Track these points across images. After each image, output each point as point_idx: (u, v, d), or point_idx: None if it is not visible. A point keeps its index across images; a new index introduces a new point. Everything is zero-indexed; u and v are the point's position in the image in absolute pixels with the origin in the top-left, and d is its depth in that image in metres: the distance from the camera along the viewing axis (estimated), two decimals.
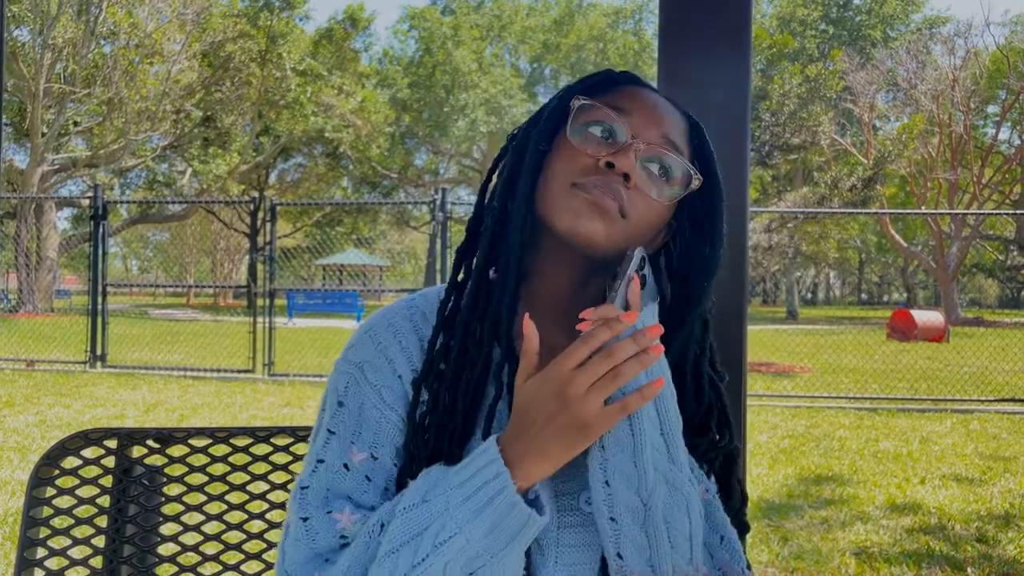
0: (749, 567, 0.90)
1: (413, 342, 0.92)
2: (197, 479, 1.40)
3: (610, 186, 0.86)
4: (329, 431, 0.89)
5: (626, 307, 0.83)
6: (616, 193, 0.86)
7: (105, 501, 1.35)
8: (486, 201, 0.95)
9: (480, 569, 0.79)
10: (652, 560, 0.84)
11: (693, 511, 0.86)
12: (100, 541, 1.34)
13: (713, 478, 0.94)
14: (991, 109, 33.95)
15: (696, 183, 0.90)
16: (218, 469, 1.41)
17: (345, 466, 0.87)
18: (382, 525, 0.82)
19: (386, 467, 0.89)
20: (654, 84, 1.01)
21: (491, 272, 0.91)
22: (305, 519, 0.86)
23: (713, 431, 0.94)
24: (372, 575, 0.80)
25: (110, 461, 1.37)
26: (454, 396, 0.87)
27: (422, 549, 0.79)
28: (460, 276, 0.93)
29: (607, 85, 0.94)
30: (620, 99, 0.91)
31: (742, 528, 0.95)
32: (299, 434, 1.42)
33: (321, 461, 0.88)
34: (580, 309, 0.82)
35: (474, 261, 0.92)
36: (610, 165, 0.86)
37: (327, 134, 30.07)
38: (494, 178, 0.95)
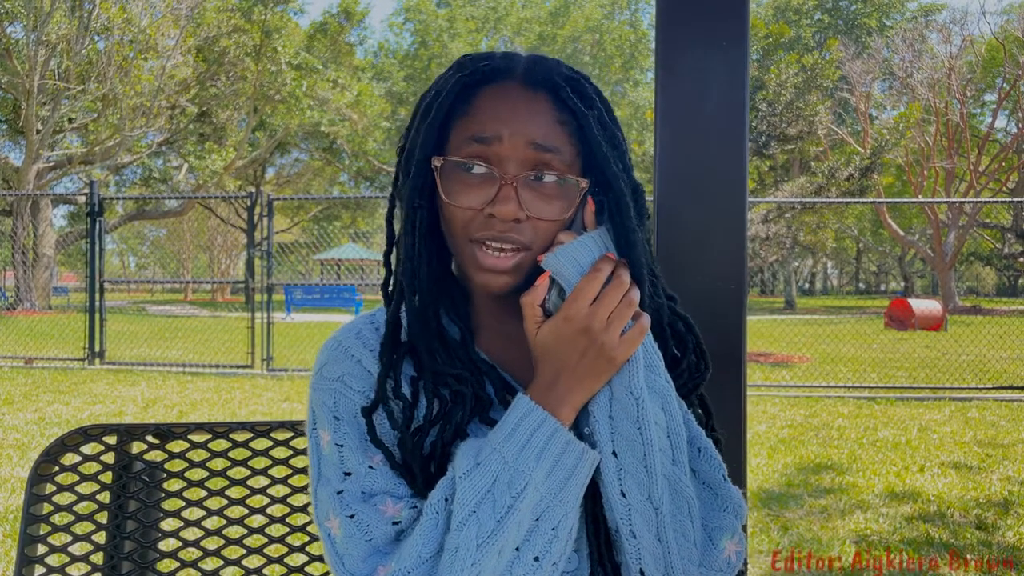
0: (726, 476, 0.91)
1: (378, 349, 0.92)
2: (197, 474, 1.40)
3: (504, 237, 0.85)
4: (338, 445, 0.88)
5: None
6: (511, 240, 0.85)
7: (105, 497, 1.35)
8: (396, 235, 0.93)
9: (545, 512, 0.82)
10: (667, 569, 0.86)
11: (695, 514, 0.88)
12: (100, 537, 1.34)
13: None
14: (988, 97, 33.94)
15: (583, 185, 0.87)
16: (218, 464, 1.41)
17: (370, 467, 0.87)
18: (446, 499, 0.82)
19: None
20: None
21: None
22: (352, 516, 0.85)
23: (690, 359, 0.93)
24: (453, 542, 0.79)
25: (110, 457, 1.36)
26: (452, 401, 0.87)
27: (500, 503, 0.80)
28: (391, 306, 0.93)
29: (463, 96, 0.88)
30: (478, 121, 0.86)
31: (716, 440, 0.94)
32: (298, 428, 1.41)
33: (348, 473, 0.87)
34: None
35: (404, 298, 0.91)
36: (493, 215, 0.85)
37: (323, 128, 29.98)
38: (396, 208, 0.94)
